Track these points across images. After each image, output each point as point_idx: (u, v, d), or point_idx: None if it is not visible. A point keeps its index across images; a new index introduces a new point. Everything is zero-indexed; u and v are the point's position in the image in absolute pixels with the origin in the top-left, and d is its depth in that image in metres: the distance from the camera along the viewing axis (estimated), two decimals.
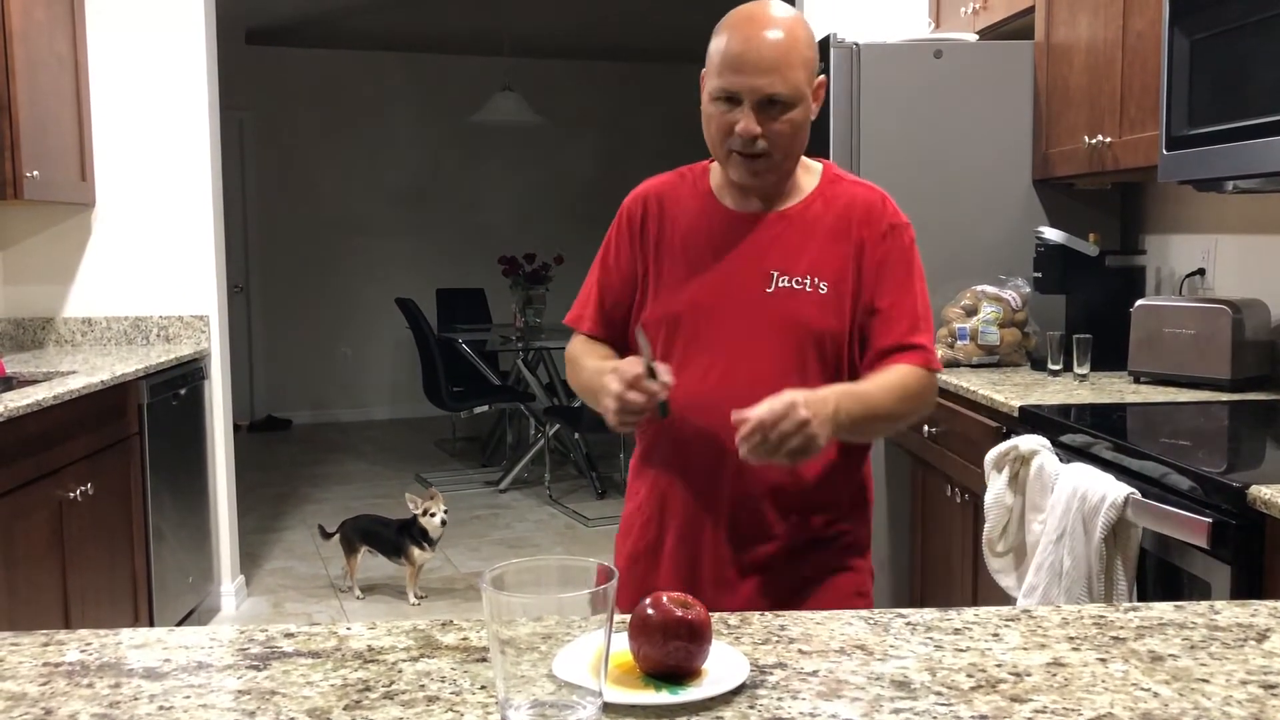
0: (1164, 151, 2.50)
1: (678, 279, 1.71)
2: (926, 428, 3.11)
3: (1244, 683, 0.95)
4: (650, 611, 0.97)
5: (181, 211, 4.24)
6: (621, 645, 0.98)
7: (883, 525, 3.51)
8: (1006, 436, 2.53)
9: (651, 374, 1.52)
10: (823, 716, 0.89)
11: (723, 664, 0.97)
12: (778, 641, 1.05)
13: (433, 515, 4.32)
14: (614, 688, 0.93)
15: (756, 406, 1.45)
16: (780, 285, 1.66)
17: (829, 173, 1.75)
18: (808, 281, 1.66)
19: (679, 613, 0.96)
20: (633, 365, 1.54)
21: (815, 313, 1.66)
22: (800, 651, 1.03)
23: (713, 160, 1.72)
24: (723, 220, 1.71)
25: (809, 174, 1.74)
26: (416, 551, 4.36)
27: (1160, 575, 2.02)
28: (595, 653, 0.88)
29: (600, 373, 1.62)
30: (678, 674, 0.96)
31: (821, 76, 1.65)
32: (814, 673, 0.98)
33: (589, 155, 8.76)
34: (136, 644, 1.07)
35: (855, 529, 1.77)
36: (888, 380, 1.62)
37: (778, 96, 1.57)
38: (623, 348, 1.78)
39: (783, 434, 1.42)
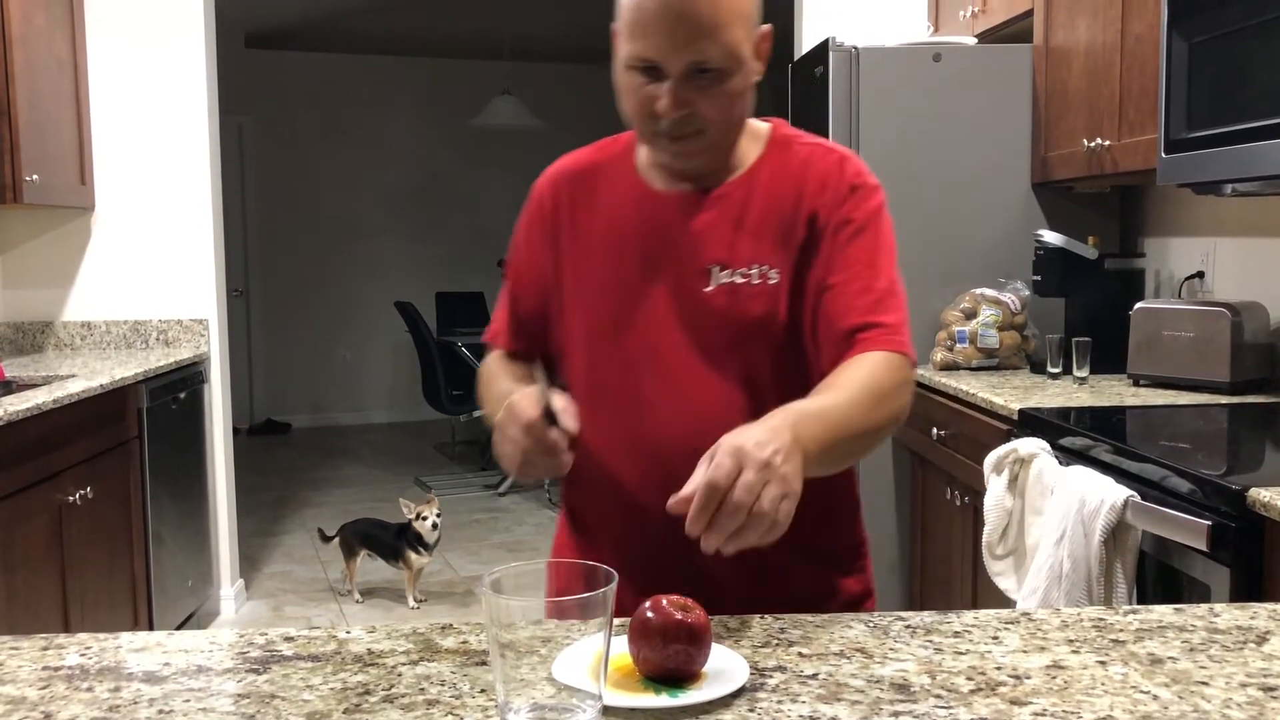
0: (1163, 154, 2.50)
1: (599, 281, 1.42)
2: (935, 430, 3.11)
3: (1244, 685, 0.95)
4: (650, 615, 0.97)
5: (181, 215, 4.24)
6: (621, 648, 0.97)
7: (884, 527, 3.51)
8: (1014, 438, 2.53)
9: (551, 417, 1.23)
10: (823, 719, 0.89)
11: (722, 667, 0.97)
12: (777, 644, 1.05)
13: (424, 519, 4.31)
14: (614, 691, 0.93)
15: (693, 477, 1.07)
16: (721, 281, 1.36)
17: (778, 135, 1.43)
18: (754, 272, 1.36)
19: (679, 616, 0.96)
20: (527, 404, 1.24)
21: (765, 310, 1.36)
22: (800, 654, 1.03)
23: None
24: (651, 206, 1.41)
25: (754, 140, 1.42)
26: (413, 556, 4.36)
27: (1160, 578, 2.02)
28: (595, 656, 0.88)
29: (499, 404, 1.32)
30: (677, 677, 0.96)
31: (765, 26, 1.34)
32: (814, 675, 0.98)
33: None
34: (136, 648, 1.07)
35: (853, 572, 1.45)
36: (851, 382, 1.27)
37: (708, 65, 1.26)
38: (549, 365, 1.49)
39: (745, 496, 1.03)
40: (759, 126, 1.44)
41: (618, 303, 1.41)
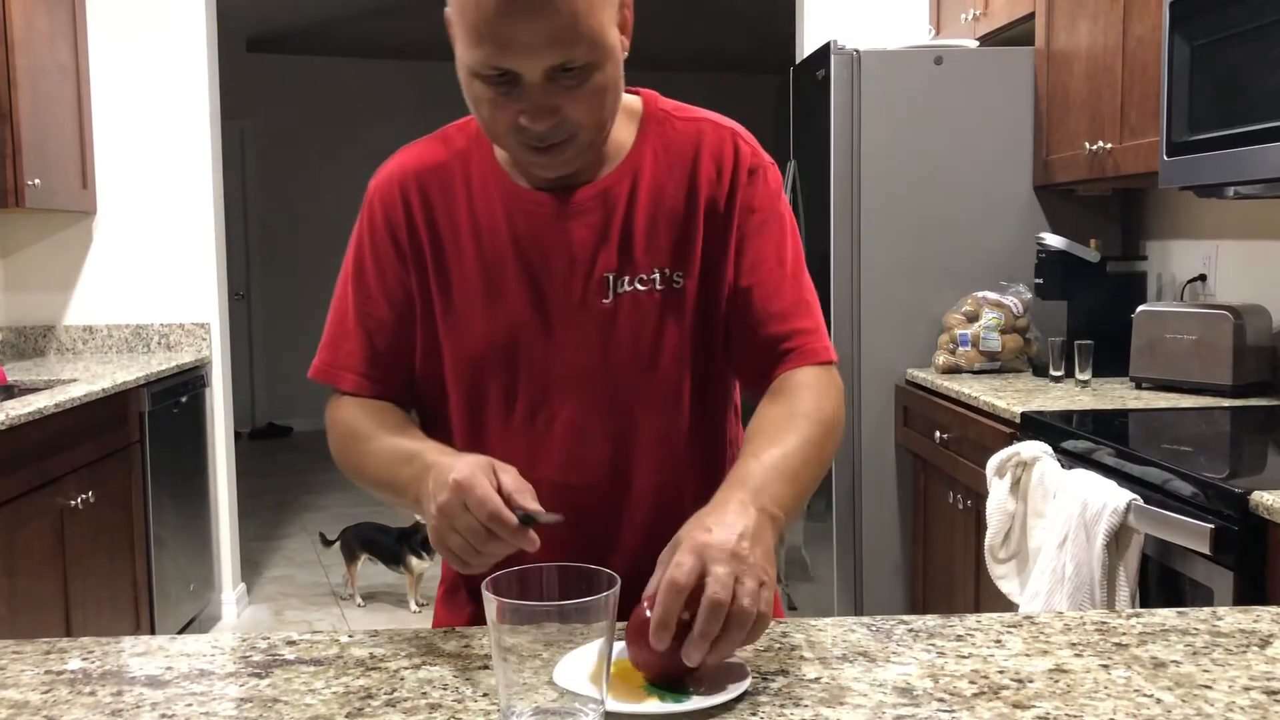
0: (1164, 157, 2.50)
1: (472, 303, 1.22)
2: (938, 433, 3.11)
3: (1247, 689, 0.95)
4: (648, 615, 0.96)
5: (182, 219, 4.25)
6: (621, 652, 0.97)
7: (886, 531, 3.50)
8: (1017, 441, 2.53)
9: (527, 520, 1.00)
10: None
11: (725, 671, 0.97)
12: (780, 648, 1.05)
13: None
14: (615, 696, 0.92)
15: (651, 582, 0.96)
16: (622, 290, 1.20)
17: (652, 109, 1.25)
18: (656, 277, 1.20)
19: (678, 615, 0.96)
20: (479, 480, 1.00)
21: (676, 320, 1.21)
22: (802, 658, 1.03)
23: None
24: (523, 208, 1.21)
25: (627, 118, 1.23)
26: (415, 561, 4.35)
27: (1162, 581, 2.01)
28: (597, 660, 0.88)
29: (412, 466, 1.11)
30: (678, 678, 0.95)
31: None
32: (816, 680, 0.98)
33: None
34: (138, 652, 1.07)
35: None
36: (797, 417, 1.15)
37: (573, 64, 1.06)
38: (406, 404, 1.28)
39: (720, 592, 0.92)
40: (629, 101, 1.24)
41: (502, 325, 1.21)
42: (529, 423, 1.22)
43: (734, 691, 0.93)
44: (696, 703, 0.92)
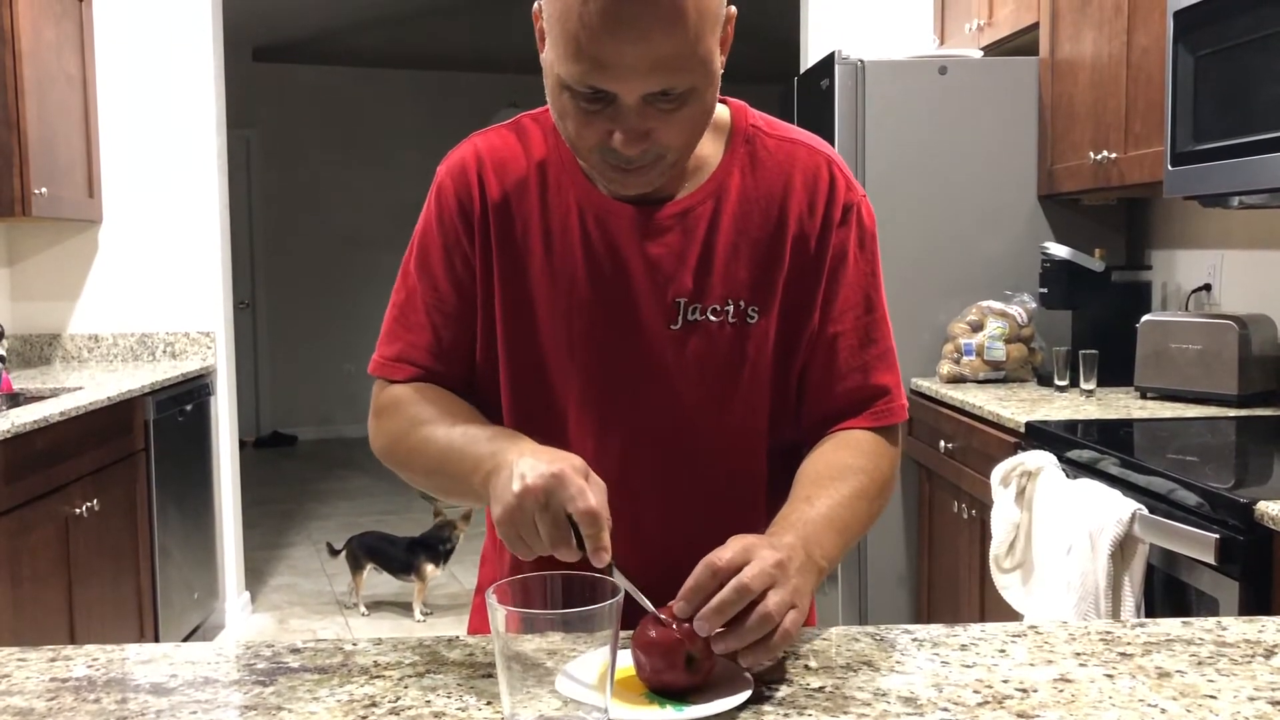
0: (1169, 167, 2.50)
1: (535, 303, 1.16)
2: (942, 443, 3.11)
3: (1251, 699, 0.94)
4: (652, 630, 0.96)
5: (188, 228, 4.26)
6: (626, 660, 0.97)
7: (891, 540, 3.50)
8: (1021, 450, 2.52)
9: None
10: None
11: (726, 678, 0.97)
12: (783, 657, 1.05)
13: (457, 531, 4.37)
14: (618, 704, 0.92)
15: (691, 581, 0.94)
16: (690, 318, 1.14)
17: (742, 125, 1.18)
18: (730, 309, 1.14)
19: (681, 629, 0.96)
20: (573, 474, 0.96)
21: (745, 356, 1.15)
22: (806, 667, 1.02)
23: None
24: (597, 215, 1.14)
25: (712, 131, 1.16)
26: (429, 567, 4.34)
27: (1167, 591, 2.01)
28: (600, 668, 0.88)
29: (494, 444, 1.05)
30: (680, 688, 0.95)
31: (730, 9, 1.06)
32: (820, 689, 0.98)
33: None
34: (143, 659, 1.07)
35: None
36: (853, 471, 1.12)
37: (674, 90, 1.01)
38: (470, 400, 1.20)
39: (754, 582, 0.93)
40: (717, 113, 1.17)
41: (562, 333, 1.15)
42: (579, 441, 1.15)
43: (737, 700, 0.93)
44: (697, 711, 0.92)
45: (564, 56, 1.00)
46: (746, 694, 0.94)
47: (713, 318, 1.14)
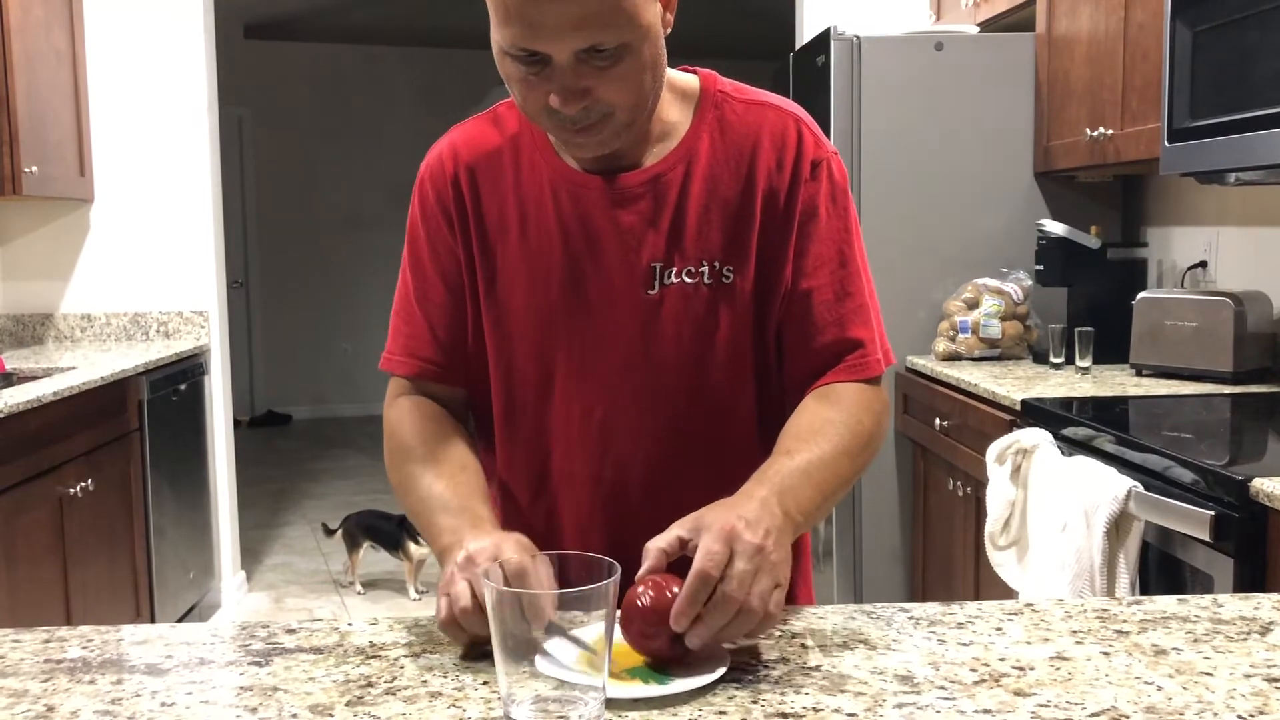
0: (1166, 144, 2.49)
1: (515, 284, 1.19)
2: (938, 420, 3.11)
3: (1248, 676, 0.95)
4: (640, 602, 0.96)
5: (181, 207, 4.24)
6: (618, 635, 0.97)
7: (886, 518, 3.50)
8: (1017, 428, 2.53)
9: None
10: (826, 711, 0.89)
11: (706, 655, 0.96)
12: (780, 636, 1.05)
13: None
14: (614, 682, 0.92)
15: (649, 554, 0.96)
16: (667, 282, 1.16)
17: (710, 91, 1.20)
18: (705, 271, 1.16)
19: (669, 595, 0.95)
20: (541, 595, 0.90)
21: (722, 317, 1.17)
22: (803, 646, 1.02)
23: None
24: (569, 189, 1.18)
25: (682, 99, 1.19)
26: (413, 547, 4.35)
27: (1163, 568, 2.01)
28: (595, 645, 0.88)
29: (444, 524, 1.10)
30: (664, 661, 0.95)
31: None
32: (817, 667, 0.98)
33: None
34: (138, 640, 1.07)
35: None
36: (834, 425, 1.13)
37: (603, 45, 1.03)
38: (464, 399, 1.27)
39: (737, 590, 0.93)
40: (686, 81, 1.21)
41: (542, 309, 1.19)
42: (565, 412, 1.20)
43: (714, 674, 0.93)
44: (679, 685, 0.92)
45: (498, 23, 1.05)
46: (723, 668, 0.94)
47: (688, 280, 1.16)
